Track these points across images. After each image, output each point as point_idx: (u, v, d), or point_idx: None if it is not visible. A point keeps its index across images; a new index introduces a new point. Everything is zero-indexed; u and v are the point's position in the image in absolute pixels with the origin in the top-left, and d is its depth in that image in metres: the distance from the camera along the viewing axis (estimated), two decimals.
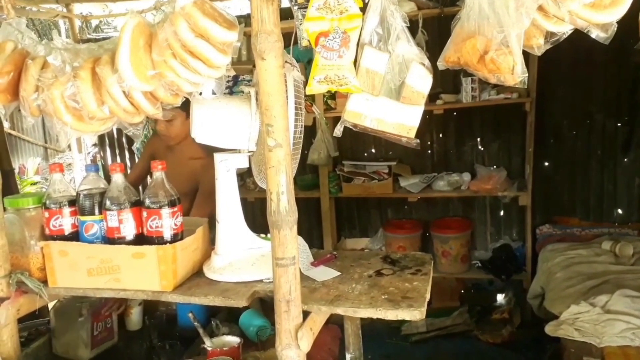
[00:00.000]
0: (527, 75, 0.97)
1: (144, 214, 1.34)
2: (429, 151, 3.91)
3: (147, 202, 1.33)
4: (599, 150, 3.59)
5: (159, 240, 1.33)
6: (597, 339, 1.96)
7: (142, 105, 1.10)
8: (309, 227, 4.23)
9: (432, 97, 3.41)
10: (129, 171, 4.68)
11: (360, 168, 3.78)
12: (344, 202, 4.01)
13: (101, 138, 4.72)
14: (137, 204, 1.36)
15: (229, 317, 2.07)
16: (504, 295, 3.60)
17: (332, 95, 3.49)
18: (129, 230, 1.35)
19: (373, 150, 4.00)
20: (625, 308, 2.07)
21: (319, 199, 3.79)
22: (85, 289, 1.38)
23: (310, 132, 3.58)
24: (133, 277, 1.34)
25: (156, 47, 1.03)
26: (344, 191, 3.74)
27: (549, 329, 2.12)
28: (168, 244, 1.33)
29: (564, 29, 0.99)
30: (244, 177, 3.98)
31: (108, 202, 1.34)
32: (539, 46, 0.98)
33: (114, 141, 4.73)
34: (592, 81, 3.49)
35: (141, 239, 1.36)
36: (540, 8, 0.96)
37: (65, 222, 1.40)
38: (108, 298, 1.59)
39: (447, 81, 3.58)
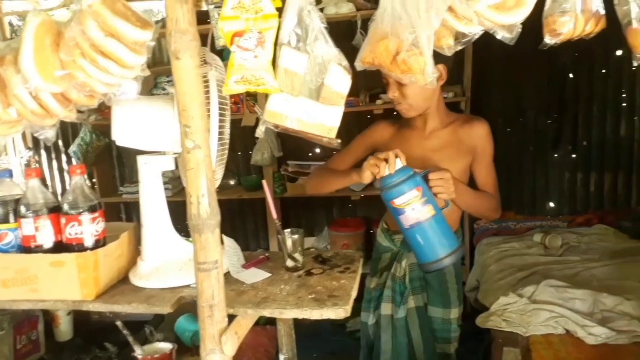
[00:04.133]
0: (436, 75, 1.00)
1: (63, 220, 1.28)
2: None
3: (66, 207, 1.27)
4: (531, 147, 3.75)
5: (79, 248, 1.28)
6: (523, 328, 2.05)
7: (51, 107, 1.05)
8: (255, 227, 4.21)
9: (372, 97, 3.47)
10: (62, 175, 4.50)
11: (305, 168, 3.79)
12: (291, 202, 4.00)
13: (36, 141, 4.50)
14: (55, 210, 1.30)
15: (167, 323, 2.03)
16: None
17: None
18: (46, 238, 1.29)
19: (317, 150, 4.02)
20: (550, 298, 2.18)
21: (265, 200, 3.76)
22: (0, 301, 1.31)
23: (253, 133, 3.55)
24: (52, 287, 1.28)
25: (63, 47, 0.99)
26: (289, 191, 3.73)
27: (480, 320, 2.20)
28: (89, 250, 1.28)
29: (475, 30, 1.01)
30: None
31: (23, 209, 1.28)
32: (449, 46, 1.00)
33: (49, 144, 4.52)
34: (524, 81, 3.65)
35: (60, 247, 1.30)
36: (451, 9, 0.99)
37: None
38: None
39: None
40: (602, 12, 1.02)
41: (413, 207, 1.45)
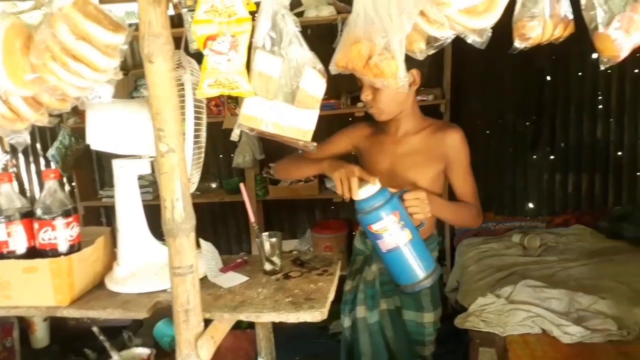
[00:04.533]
0: (408, 80, 1.01)
1: (36, 225, 1.26)
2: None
3: (39, 212, 1.26)
4: (510, 149, 3.80)
5: (53, 253, 1.26)
6: (500, 328, 2.07)
7: (22, 111, 1.04)
8: (238, 231, 4.20)
9: (353, 100, 3.48)
10: (39, 179, 4.44)
11: None
12: (273, 205, 4.00)
13: (13, 145, 4.43)
14: (29, 215, 1.28)
15: (146, 327, 2.01)
16: None
17: None
18: (19, 243, 1.27)
19: (300, 152, 4.02)
20: (527, 298, 2.20)
21: None
22: None
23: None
24: (25, 293, 1.26)
25: (34, 50, 0.98)
26: (271, 194, 3.72)
27: (458, 321, 2.21)
28: (63, 256, 1.26)
29: (446, 34, 1.03)
30: None
31: None
32: (421, 50, 1.01)
33: (27, 148, 4.44)
34: (502, 84, 3.70)
35: (34, 253, 1.28)
36: (423, 13, 1.00)
37: None
38: None
39: None
40: (570, 17, 1.05)
41: (390, 233, 1.43)
